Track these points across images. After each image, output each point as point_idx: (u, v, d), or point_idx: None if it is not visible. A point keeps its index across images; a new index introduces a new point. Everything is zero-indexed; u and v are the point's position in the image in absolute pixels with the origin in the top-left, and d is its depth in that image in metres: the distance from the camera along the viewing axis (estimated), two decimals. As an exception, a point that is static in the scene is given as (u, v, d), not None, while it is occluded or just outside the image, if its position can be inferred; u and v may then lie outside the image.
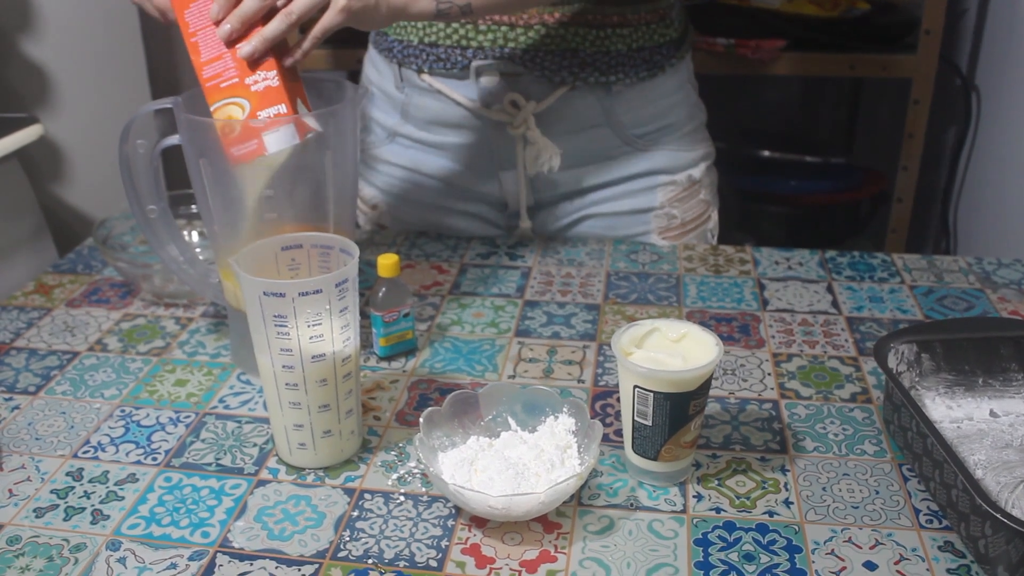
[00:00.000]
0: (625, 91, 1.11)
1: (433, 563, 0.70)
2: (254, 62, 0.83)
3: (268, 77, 0.83)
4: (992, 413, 0.84)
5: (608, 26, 1.07)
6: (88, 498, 0.77)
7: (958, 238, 1.98)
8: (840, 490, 0.77)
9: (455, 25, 1.08)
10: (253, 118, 0.83)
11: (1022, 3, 1.70)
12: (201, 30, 0.84)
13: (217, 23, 0.83)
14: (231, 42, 0.83)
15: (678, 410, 0.74)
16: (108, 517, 0.75)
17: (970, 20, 1.97)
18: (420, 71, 1.12)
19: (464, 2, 0.92)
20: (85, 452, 0.83)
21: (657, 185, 1.18)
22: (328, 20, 0.85)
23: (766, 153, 2.12)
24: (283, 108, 0.82)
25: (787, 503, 0.76)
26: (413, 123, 1.17)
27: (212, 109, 0.84)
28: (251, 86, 0.83)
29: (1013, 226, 1.66)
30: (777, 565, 0.70)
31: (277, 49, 0.84)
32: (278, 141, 0.82)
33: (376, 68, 1.19)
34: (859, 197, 2.10)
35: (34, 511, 0.76)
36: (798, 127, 2.31)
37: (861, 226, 2.15)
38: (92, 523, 0.74)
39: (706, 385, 0.75)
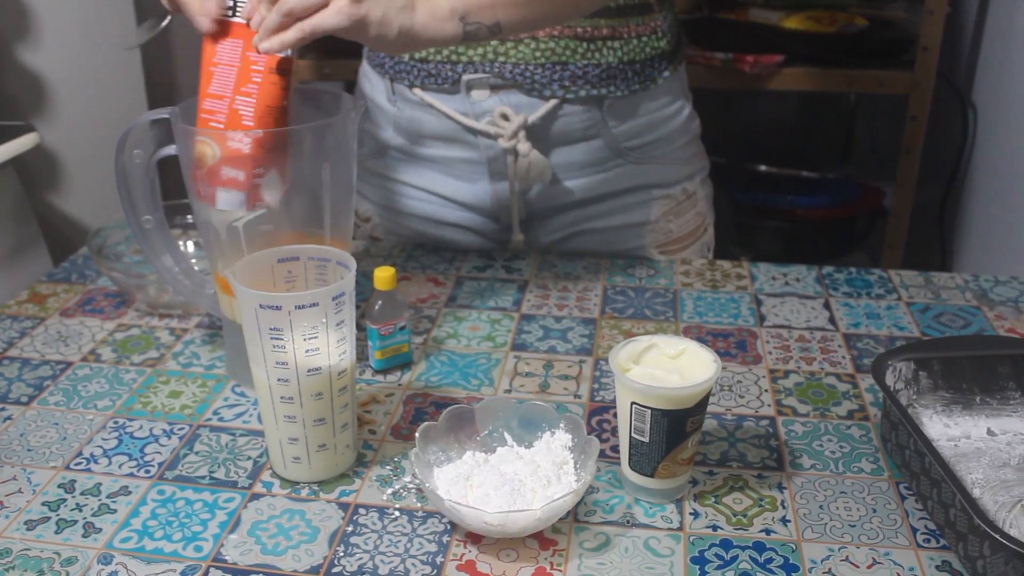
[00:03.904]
0: (617, 103, 1.11)
1: (428, 579, 0.70)
2: (239, 120, 0.84)
3: (243, 141, 0.83)
4: (989, 432, 0.83)
5: (598, 39, 1.07)
6: (80, 511, 0.77)
7: (955, 255, 1.99)
8: (837, 508, 0.77)
9: None
10: (215, 168, 0.83)
11: (1019, 21, 1.71)
12: (223, 65, 0.84)
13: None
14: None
15: (675, 427, 0.74)
16: (100, 530, 0.74)
17: (967, 37, 1.97)
18: (411, 86, 1.12)
19: (492, 21, 0.90)
20: (77, 464, 0.82)
21: (651, 199, 1.18)
22: (323, 19, 0.81)
23: (763, 168, 2.12)
24: (241, 176, 0.83)
25: (784, 521, 0.75)
26: (405, 136, 1.17)
27: (196, 137, 0.84)
28: (228, 140, 0.83)
29: (1010, 243, 1.67)
30: (774, 584, 0.69)
31: (270, 117, 0.84)
32: (227, 201, 0.83)
33: (369, 81, 1.19)
34: (856, 213, 2.10)
35: (25, 523, 0.75)
36: (795, 142, 2.31)
37: (857, 242, 2.15)
38: (84, 536, 0.74)
39: (704, 402, 0.75)
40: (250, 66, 0.84)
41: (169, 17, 0.93)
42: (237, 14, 0.84)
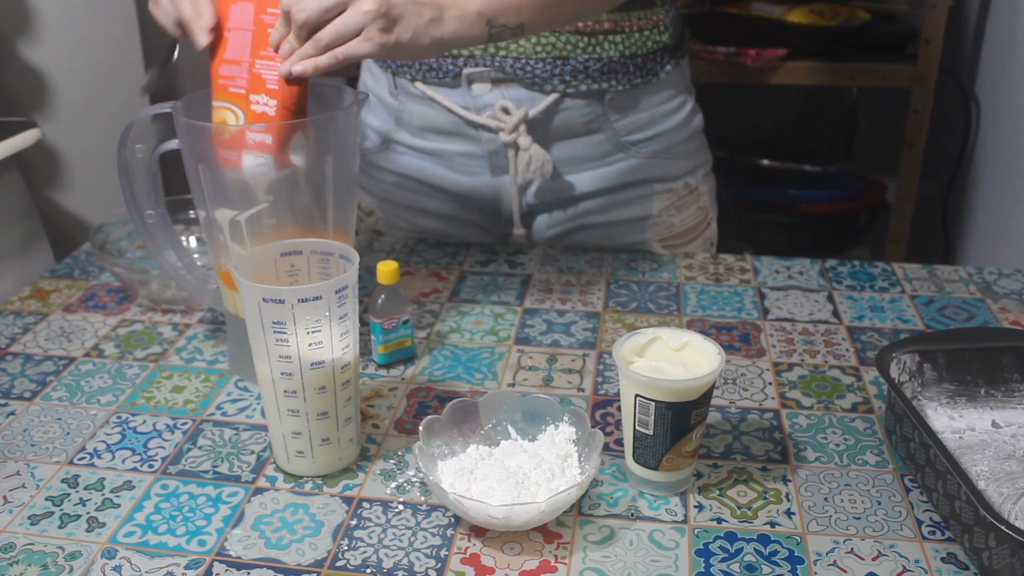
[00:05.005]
0: (618, 97, 1.11)
1: (432, 573, 0.69)
2: (263, 84, 0.83)
3: (268, 104, 0.83)
4: (994, 424, 0.83)
5: (600, 33, 1.07)
6: (83, 505, 0.76)
7: (958, 249, 1.98)
8: (842, 501, 0.77)
9: None
10: (240, 133, 0.83)
11: (1022, 14, 1.70)
12: (237, 29, 0.84)
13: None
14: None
15: (680, 420, 0.73)
16: (104, 525, 0.74)
17: (970, 30, 1.97)
18: (413, 79, 1.12)
19: (516, 23, 0.90)
20: (81, 459, 0.82)
21: (653, 193, 1.18)
22: (355, 48, 0.81)
23: (765, 162, 2.12)
24: (268, 139, 0.82)
25: (789, 513, 0.75)
26: (407, 130, 1.16)
27: (212, 105, 0.84)
28: (251, 104, 0.83)
29: (1013, 236, 1.66)
30: (779, 576, 0.69)
31: (294, 81, 0.84)
32: (253, 166, 0.83)
33: (372, 74, 1.19)
34: (858, 207, 2.09)
35: (29, 518, 0.75)
36: (798, 136, 2.31)
37: (860, 236, 2.15)
38: (87, 531, 0.74)
39: (708, 394, 0.74)
40: (266, 29, 0.83)
41: (177, 50, 0.93)
42: None
